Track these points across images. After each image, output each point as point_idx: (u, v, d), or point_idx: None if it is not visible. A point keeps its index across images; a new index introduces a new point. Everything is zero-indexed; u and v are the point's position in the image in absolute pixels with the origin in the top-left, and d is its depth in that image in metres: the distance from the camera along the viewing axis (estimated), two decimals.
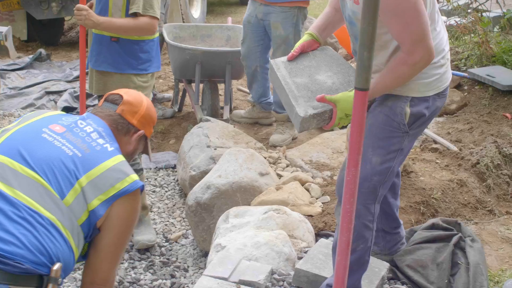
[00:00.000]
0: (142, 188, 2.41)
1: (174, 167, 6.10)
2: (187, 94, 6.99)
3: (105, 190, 2.29)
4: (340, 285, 2.77)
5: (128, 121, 2.63)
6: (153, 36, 4.27)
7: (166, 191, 5.75)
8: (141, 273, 4.47)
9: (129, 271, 4.46)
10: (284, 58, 3.07)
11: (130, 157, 2.66)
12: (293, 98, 2.83)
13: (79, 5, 3.99)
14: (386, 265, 3.52)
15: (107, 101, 2.66)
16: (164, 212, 5.39)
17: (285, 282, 3.34)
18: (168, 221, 5.26)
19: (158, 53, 4.41)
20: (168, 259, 4.65)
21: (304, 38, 3.11)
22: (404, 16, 2.64)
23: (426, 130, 5.62)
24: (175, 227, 5.16)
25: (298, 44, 3.09)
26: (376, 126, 2.93)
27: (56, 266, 2.17)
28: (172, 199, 5.61)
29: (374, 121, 2.93)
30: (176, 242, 4.91)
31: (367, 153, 2.94)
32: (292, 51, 3.08)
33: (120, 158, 2.42)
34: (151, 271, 4.51)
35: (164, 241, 4.91)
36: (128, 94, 2.70)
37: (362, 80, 2.55)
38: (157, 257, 4.69)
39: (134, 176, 2.38)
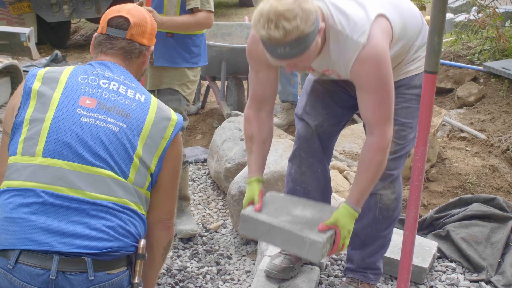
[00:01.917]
0: (182, 123, 2.45)
1: (203, 161, 6.25)
2: (210, 90, 7.13)
3: (158, 145, 2.33)
4: (408, 259, 2.93)
5: (139, 43, 2.52)
6: (203, 30, 4.42)
7: (198, 184, 5.90)
8: (186, 261, 4.60)
9: (175, 260, 4.59)
10: (251, 209, 2.99)
11: (143, 74, 2.63)
12: (298, 231, 2.82)
13: (146, 7, 4.07)
14: (435, 244, 3.69)
15: (112, 27, 2.48)
16: (200, 204, 5.53)
17: (342, 261, 3.50)
18: (205, 212, 5.40)
19: (205, 47, 4.56)
20: (211, 247, 4.79)
21: (257, 187, 3.01)
22: (381, 93, 2.66)
23: (451, 120, 5.81)
24: (213, 217, 5.30)
25: (256, 196, 2.98)
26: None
27: (142, 243, 2.27)
28: (206, 191, 5.75)
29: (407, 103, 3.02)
30: (216, 231, 5.05)
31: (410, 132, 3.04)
32: (255, 204, 2.96)
33: (154, 102, 2.41)
34: (196, 259, 4.64)
35: (204, 231, 5.06)
36: (131, 14, 2.51)
37: (432, 63, 2.72)
38: (200, 246, 4.82)
39: (173, 115, 2.41)
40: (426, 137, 2.79)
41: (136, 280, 2.25)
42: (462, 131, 5.45)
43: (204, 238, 4.93)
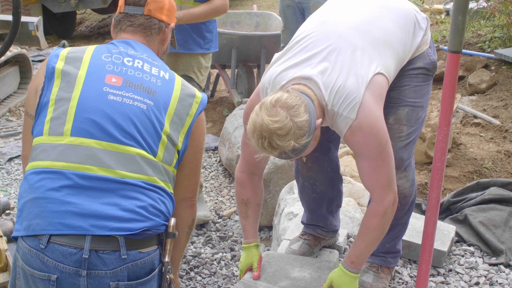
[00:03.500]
0: (206, 101, 2.44)
1: (214, 149, 6.24)
2: (219, 79, 7.12)
3: (184, 123, 2.32)
4: (430, 241, 2.91)
5: (158, 19, 2.49)
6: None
7: (210, 172, 5.89)
8: (200, 247, 4.60)
9: (189, 246, 4.59)
10: (249, 278, 3.00)
11: (165, 53, 2.61)
12: None
13: None
14: (454, 228, 3.67)
15: (129, 4, 2.46)
16: (212, 191, 5.53)
17: None
18: (217, 199, 5.40)
19: (217, 33, 4.55)
20: (224, 234, 4.79)
21: (257, 254, 3.03)
22: (376, 160, 2.60)
23: (464, 107, 5.79)
24: (225, 204, 5.30)
25: (255, 262, 3.01)
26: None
27: (172, 222, 2.26)
28: (217, 179, 5.75)
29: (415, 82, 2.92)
30: (229, 218, 5.05)
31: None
32: (254, 271, 3.00)
33: (178, 80, 2.40)
34: (210, 245, 4.64)
35: (217, 218, 5.05)
36: None
37: (456, 42, 2.69)
38: (214, 233, 4.82)
39: (198, 93, 2.40)
40: (449, 117, 2.76)
41: (166, 259, 2.23)
42: (475, 117, 5.42)
43: (217, 224, 4.93)
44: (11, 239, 3.60)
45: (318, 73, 2.54)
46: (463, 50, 7.14)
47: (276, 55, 2.73)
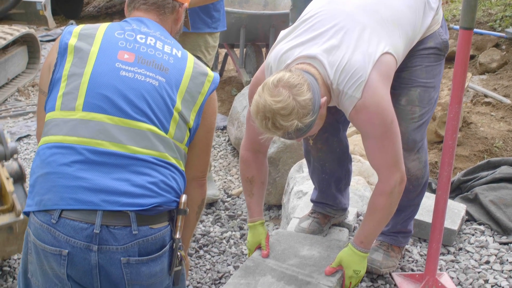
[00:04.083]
0: (218, 80, 2.42)
1: (223, 128, 6.23)
2: (228, 59, 7.10)
3: (196, 101, 2.31)
4: (441, 219, 2.90)
5: None
6: None
7: (218, 151, 5.89)
8: (210, 226, 4.61)
9: (198, 224, 4.60)
10: (258, 255, 3.01)
11: (178, 32, 2.59)
12: (307, 276, 2.84)
13: None
14: (464, 206, 3.66)
15: None
16: (220, 170, 5.53)
17: None
18: (226, 178, 5.40)
19: (224, 11, 4.52)
20: (233, 212, 4.80)
21: (263, 232, 3.03)
22: (381, 139, 2.57)
23: (475, 86, 5.75)
24: (234, 183, 5.30)
25: (263, 240, 3.02)
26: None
27: (183, 198, 2.24)
28: (226, 158, 5.75)
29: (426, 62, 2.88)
30: (238, 197, 5.05)
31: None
32: (263, 249, 3.00)
33: (190, 58, 2.38)
34: (219, 224, 4.65)
35: (226, 197, 5.06)
36: None
37: (468, 19, 2.66)
38: (223, 211, 4.83)
39: (210, 72, 2.39)
40: (460, 95, 2.74)
41: (177, 235, 2.23)
42: (486, 96, 5.39)
43: (226, 203, 4.93)
44: (17, 181, 3.66)
45: (323, 52, 2.51)
46: (474, 30, 7.10)
47: (282, 33, 2.70)
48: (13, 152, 3.44)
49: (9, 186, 3.46)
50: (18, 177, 3.66)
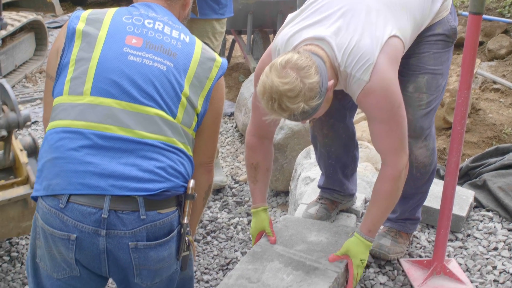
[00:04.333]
0: (226, 65, 2.40)
1: (230, 115, 6.23)
2: (235, 45, 7.08)
3: (203, 86, 2.30)
4: (449, 205, 2.90)
5: None
6: None
7: (226, 138, 5.89)
8: (217, 212, 4.61)
9: (206, 210, 4.60)
10: (266, 241, 3.00)
11: (186, 18, 2.56)
12: (314, 262, 2.84)
13: None
14: (472, 193, 3.65)
15: None
16: (228, 156, 5.53)
17: None
18: (233, 164, 5.40)
19: None
20: (241, 199, 4.80)
21: (266, 218, 3.00)
22: (389, 123, 2.56)
23: (484, 72, 5.72)
24: (241, 170, 5.30)
25: (267, 227, 3.00)
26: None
27: (191, 183, 2.23)
28: (233, 144, 5.75)
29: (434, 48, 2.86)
30: (245, 183, 5.05)
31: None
32: (269, 234, 2.99)
33: (198, 44, 2.36)
34: (226, 210, 4.65)
35: (233, 183, 5.06)
36: None
37: (477, 4, 2.64)
38: (230, 198, 4.83)
39: (218, 57, 2.37)
40: (469, 80, 2.72)
41: (185, 220, 2.22)
42: (494, 82, 5.36)
43: (233, 190, 4.93)
44: (31, 155, 3.65)
45: (331, 34, 2.50)
46: (483, 16, 7.05)
47: (289, 16, 2.69)
48: (26, 119, 3.41)
49: (23, 157, 3.44)
50: (32, 151, 3.65)
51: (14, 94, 3.38)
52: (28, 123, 3.54)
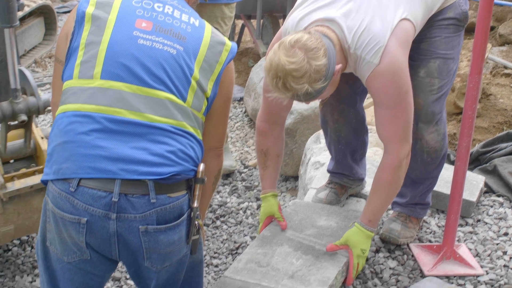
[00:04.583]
0: (236, 49, 2.40)
1: (239, 99, 6.22)
2: (245, 30, 7.06)
3: (213, 70, 2.29)
4: (459, 190, 2.89)
5: None
6: None
7: (235, 123, 5.88)
8: (226, 197, 4.62)
9: (215, 195, 4.61)
10: (275, 225, 3.00)
11: (195, 2, 2.54)
12: (324, 246, 2.84)
13: None
14: (483, 178, 3.63)
15: None
16: (237, 141, 5.53)
17: None
18: (243, 149, 5.40)
19: None
20: (250, 183, 4.80)
21: (275, 203, 3.00)
22: (394, 109, 2.55)
23: (495, 57, 5.69)
24: (251, 154, 5.30)
25: (276, 212, 2.99)
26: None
27: (201, 167, 2.23)
28: (243, 129, 5.74)
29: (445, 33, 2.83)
30: (254, 168, 5.05)
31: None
32: (279, 220, 2.99)
33: (208, 27, 2.35)
34: (236, 195, 4.66)
35: (243, 168, 5.06)
36: None
37: None
38: (239, 182, 4.83)
39: (228, 41, 2.36)
40: (480, 64, 2.70)
41: (195, 204, 2.23)
42: (506, 67, 5.32)
43: (243, 174, 4.94)
44: None
45: (342, 16, 2.49)
46: (494, 0, 6.99)
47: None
48: (46, 104, 3.39)
49: (44, 145, 3.42)
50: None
51: (33, 79, 3.35)
52: (48, 108, 3.53)
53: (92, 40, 2.18)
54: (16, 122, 3.32)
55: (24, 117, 3.27)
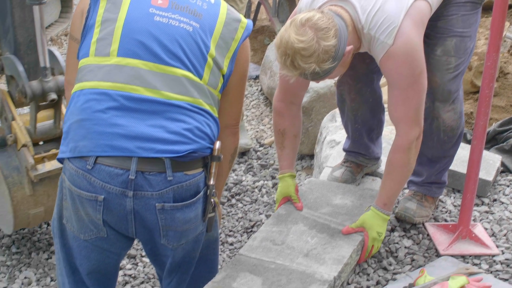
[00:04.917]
0: (251, 27, 2.39)
1: (255, 78, 6.21)
2: (261, 8, 7.02)
3: (229, 47, 2.28)
4: (476, 169, 2.87)
5: None
6: None
7: (251, 101, 5.88)
8: (242, 175, 4.63)
9: (230, 173, 4.62)
10: (291, 205, 2.99)
11: None
12: (339, 225, 2.83)
13: None
14: (499, 157, 3.61)
15: None
16: (253, 119, 5.53)
17: None
18: (258, 128, 5.40)
19: None
20: (265, 162, 4.81)
21: (292, 183, 2.99)
22: (407, 90, 2.53)
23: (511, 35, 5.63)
24: (266, 133, 5.30)
25: (293, 193, 2.98)
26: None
27: (217, 145, 2.24)
28: (258, 107, 5.74)
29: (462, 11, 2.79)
30: (270, 146, 5.06)
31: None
32: (294, 200, 2.98)
33: (223, 4, 2.35)
34: (251, 173, 4.67)
35: (258, 146, 5.07)
36: None
37: None
38: (255, 161, 4.84)
39: (243, 18, 2.36)
40: (498, 42, 2.67)
41: (211, 182, 2.23)
42: None
43: (258, 153, 4.95)
44: None
45: None
46: None
47: None
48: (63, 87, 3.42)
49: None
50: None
51: (63, 59, 3.34)
52: None
53: (108, 17, 2.18)
54: (45, 103, 3.33)
55: (54, 96, 3.27)
